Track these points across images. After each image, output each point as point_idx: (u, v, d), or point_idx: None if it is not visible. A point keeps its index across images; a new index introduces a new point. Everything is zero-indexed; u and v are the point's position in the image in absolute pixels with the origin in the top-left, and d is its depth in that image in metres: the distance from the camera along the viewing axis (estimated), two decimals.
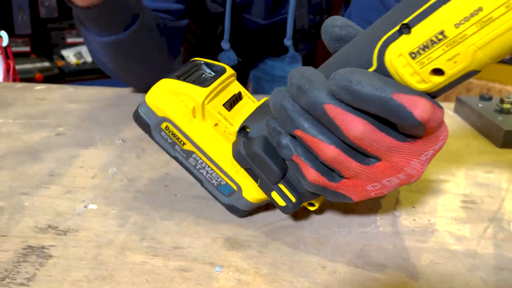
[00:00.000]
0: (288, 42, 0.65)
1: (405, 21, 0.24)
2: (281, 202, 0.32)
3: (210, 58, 0.40)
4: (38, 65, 2.95)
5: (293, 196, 0.32)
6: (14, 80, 0.93)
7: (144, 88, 0.68)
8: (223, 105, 0.35)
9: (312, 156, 0.29)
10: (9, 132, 0.54)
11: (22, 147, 0.50)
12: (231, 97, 0.36)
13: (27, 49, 3.14)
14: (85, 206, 0.38)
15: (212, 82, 0.35)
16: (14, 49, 3.07)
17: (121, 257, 0.32)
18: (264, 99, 0.36)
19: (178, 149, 0.35)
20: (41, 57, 3.11)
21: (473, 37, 0.22)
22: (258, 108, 0.34)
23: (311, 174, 0.29)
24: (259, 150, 0.31)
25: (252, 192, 0.35)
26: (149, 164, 0.47)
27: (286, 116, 0.28)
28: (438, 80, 0.24)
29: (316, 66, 0.80)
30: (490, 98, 0.63)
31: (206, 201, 0.40)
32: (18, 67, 2.88)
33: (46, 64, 2.98)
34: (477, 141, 0.56)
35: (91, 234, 0.34)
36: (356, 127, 0.26)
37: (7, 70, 0.95)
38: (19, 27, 3.08)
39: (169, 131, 0.35)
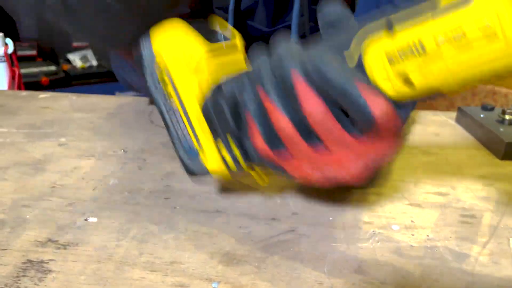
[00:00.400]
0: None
1: (393, 19, 0.24)
2: (226, 155, 0.34)
3: None
4: (44, 68, 2.97)
5: (241, 155, 0.33)
6: (19, 87, 0.94)
7: None
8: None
9: (265, 123, 0.29)
10: (13, 142, 0.55)
11: (26, 158, 0.50)
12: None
13: (33, 52, 3.16)
14: (86, 219, 0.39)
15: (222, 42, 0.36)
16: (20, 52, 3.09)
17: (120, 273, 0.32)
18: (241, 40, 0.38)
19: (160, 89, 0.35)
20: (47, 61, 3.13)
21: (449, 59, 0.23)
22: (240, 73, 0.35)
23: (259, 140, 0.30)
24: (221, 101, 0.31)
25: (211, 159, 0.35)
26: (150, 175, 0.47)
27: (258, 73, 0.29)
28: (406, 90, 0.25)
29: None
30: (492, 108, 0.63)
31: (205, 214, 0.40)
32: (24, 71, 2.91)
33: (52, 67, 3.00)
34: (479, 153, 0.55)
35: (90, 248, 0.35)
36: (316, 108, 0.26)
37: (12, 77, 0.96)
38: (25, 30, 3.10)
39: (159, 71, 0.35)
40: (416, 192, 0.45)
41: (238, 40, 0.38)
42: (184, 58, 0.34)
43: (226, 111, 0.31)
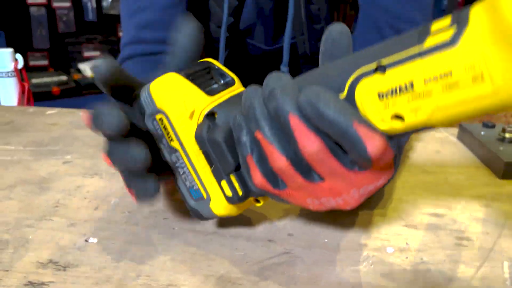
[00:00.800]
0: (284, 68, 0.66)
1: (383, 62, 0.25)
2: (228, 192, 0.35)
3: None
4: (55, 78, 3.01)
5: (241, 189, 0.34)
6: (29, 101, 0.97)
7: None
8: None
9: (264, 161, 0.31)
10: (19, 159, 0.56)
11: (31, 176, 0.52)
12: None
13: (45, 62, 3.22)
14: (86, 240, 0.40)
15: (218, 92, 0.36)
16: (33, 62, 3.15)
17: None
18: (241, 89, 0.38)
19: (164, 142, 0.36)
20: (58, 71, 3.18)
21: (437, 97, 0.23)
22: (231, 98, 0.36)
23: (258, 177, 0.31)
24: (219, 139, 0.32)
25: (219, 206, 0.37)
26: None
27: (252, 114, 0.30)
28: (397, 125, 0.26)
29: None
30: (493, 126, 0.63)
31: (202, 235, 0.41)
32: (36, 81, 2.95)
33: (63, 77, 3.05)
34: (478, 172, 0.56)
35: (89, 270, 0.36)
36: (312, 144, 0.27)
37: (22, 92, 0.98)
38: (38, 42, 3.16)
39: (162, 124, 0.35)
40: (413, 213, 0.45)
41: (237, 84, 0.38)
42: (186, 109, 0.35)
43: (226, 154, 0.33)
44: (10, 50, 1.07)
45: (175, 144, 0.36)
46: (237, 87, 0.38)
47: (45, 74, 3.03)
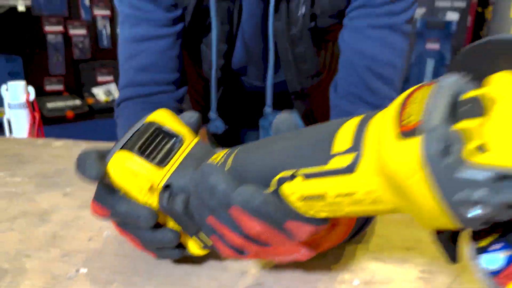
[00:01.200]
0: (268, 109, 0.70)
1: (298, 172, 0.30)
2: (199, 244, 0.41)
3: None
4: (70, 103, 3.11)
5: (210, 240, 0.38)
6: (39, 131, 1.03)
7: None
8: None
9: (223, 238, 0.36)
10: (24, 191, 0.61)
11: (33, 208, 0.56)
12: None
13: (60, 87, 3.32)
14: (77, 270, 0.44)
15: (170, 161, 0.39)
16: (48, 87, 3.26)
17: None
18: (193, 141, 0.41)
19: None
20: (73, 95, 3.28)
21: (346, 207, 0.29)
22: (183, 161, 0.39)
23: (225, 251, 0.36)
24: (179, 210, 0.37)
25: (194, 250, 0.42)
26: None
27: (204, 203, 0.34)
28: (319, 216, 0.31)
29: (314, 121, 0.84)
30: None
31: (185, 266, 0.44)
32: (51, 105, 3.04)
33: (77, 101, 3.14)
34: None
35: None
36: (253, 228, 0.32)
37: (33, 122, 1.04)
38: (54, 68, 3.27)
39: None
40: (383, 246, 0.48)
41: (187, 139, 0.41)
42: (143, 186, 0.38)
43: (188, 221, 0.38)
44: (22, 83, 1.13)
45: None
46: (188, 142, 0.41)
47: (60, 99, 3.14)
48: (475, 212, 0.21)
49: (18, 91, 1.10)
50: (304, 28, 0.64)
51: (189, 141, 0.41)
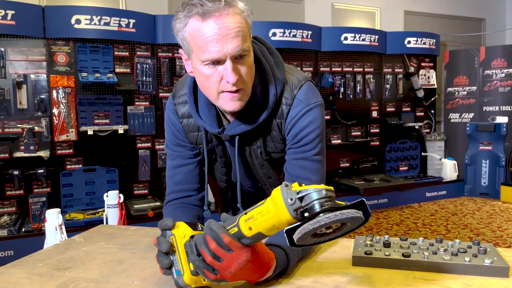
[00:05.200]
0: (239, 205, 1.18)
1: (242, 217, 0.76)
2: (191, 268, 0.83)
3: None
4: (152, 204, 3.77)
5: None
6: (124, 221, 1.57)
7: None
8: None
9: (210, 269, 0.79)
10: (111, 252, 1.13)
11: (113, 258, 1.07)
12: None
13: (145, 191, 4.04)
14: None
15: (195, 230, 0.88)
16: (137, 191, 3.99)
17: None
18: (192, 232, 0.88)
19: (171, 251, 0.88)
20: (154, 198, 3.96)
21: (259, 226, 0.74)
22: (199, 233, 0.86)
23: (207, 273, 0.79)
24: (193, 250, 0.83)
25: (187, 278, 0.85)
26: None
27: (199, 242, 0.80)
28: (251, 233, 0.75)
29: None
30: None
31: None
32: (137, 206, 3.70)
33: (158, 203, 3.80)
34: (341, 257, 0.99)
35: None
36: (210, 244, 0.76)
37: (120, 216, 1.60)
38: (142, 175, 4.01)
39: (173, 240, 0.87)
40: (296, 284, 0.91)
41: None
42: (184, 235, 0.87)
43: (195, 257, 0.83)
44: (116, 191, 1.74)
45: (175, 249, 0.88)
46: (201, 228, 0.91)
47: (144, 201, 3.83)
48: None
49: (114, 197, 1.69)
50: (263, 159, 1.14)
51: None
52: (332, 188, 0.71)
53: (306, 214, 0.69)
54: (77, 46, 3.63)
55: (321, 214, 0.66)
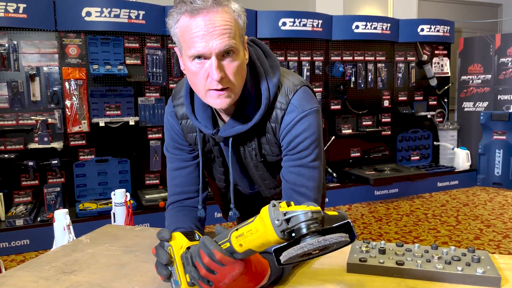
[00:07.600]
0: (232, 205, 1.20)
1: (234, 234, 0.79)
2: (188, 279, 0.87)
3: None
4: (163, 194, 3.83)
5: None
6: (130, 220, 1.63)
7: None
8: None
9: (205, 280, 0.82)
10: (114, 255, 1.17)
11: (115, 262, 1.11)
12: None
13: (156, 181, 4.10)
14: None
15: (193, 241, 0.91)
16: (148, 181, 4.04)
17: None
18: (192, 243, 0.92)
19: (169, 262, 0.91)
20: (166, 188, 4.03)
21: (249, 243, 0.77)
22: (196, 245, 0.89)
23: (202, 285, 0.83)
24: (189, 262, 0.86)
25: (184, 286, 0.89)
26: None
27: (195, 254, 0.84)
28: (242, 249, 0.78)
29: None
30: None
31: None
32: (148, 196, 3.77)
33: None
34: (337, 265, 1.02)
35: None
36: (204, 258, 0.80)
37: (127, 214, 1.65)
38: (153, 165, 4.07)
39: (171, 251, 0.90)
40: None
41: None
42: (181, 246, 0.90)
43: (191, 268, 0.86)
44: (123, 190, 1.79)
45: (173, 260, 0.91)
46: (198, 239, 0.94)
47: (156, 191, 3.90)
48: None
49: (121, 196, 1.74)
50: (257, 161, 1.16)
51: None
52: (319, 208, 0.73)
53: (293, 234, 0.71)
54: (88, 38, 3.66)
55: (307, 237, 0.69)
